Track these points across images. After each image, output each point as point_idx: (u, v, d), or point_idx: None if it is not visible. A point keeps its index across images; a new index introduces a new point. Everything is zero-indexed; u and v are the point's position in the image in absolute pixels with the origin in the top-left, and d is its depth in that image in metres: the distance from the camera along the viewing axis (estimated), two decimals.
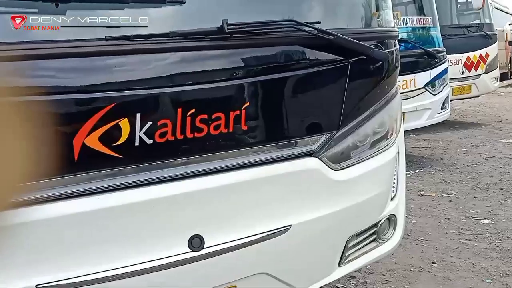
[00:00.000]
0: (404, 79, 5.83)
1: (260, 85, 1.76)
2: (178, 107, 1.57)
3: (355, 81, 1.97)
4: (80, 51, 1.42)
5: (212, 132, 1.64)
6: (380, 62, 2.05)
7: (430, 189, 5.18)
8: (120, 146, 1.48)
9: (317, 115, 1.93)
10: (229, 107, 1.67)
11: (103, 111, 1.44)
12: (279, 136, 1.84)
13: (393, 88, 2.26)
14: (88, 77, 1.44)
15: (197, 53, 1.63)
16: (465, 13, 9.82)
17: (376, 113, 2.12)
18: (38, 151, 1.29)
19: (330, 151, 1.95)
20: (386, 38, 2.14)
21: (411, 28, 6.24)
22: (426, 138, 7.77)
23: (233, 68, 1.70)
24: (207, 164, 1.67)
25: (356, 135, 2.04)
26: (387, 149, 2.21)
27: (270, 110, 1.80)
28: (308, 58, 1.85)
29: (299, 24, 1.75)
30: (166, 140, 1.56)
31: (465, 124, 9.07)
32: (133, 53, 1.50)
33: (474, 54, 8.39)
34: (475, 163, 6.18)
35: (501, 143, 7.27)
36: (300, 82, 1.85)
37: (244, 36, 1.67)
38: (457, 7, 9.80)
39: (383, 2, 2.22)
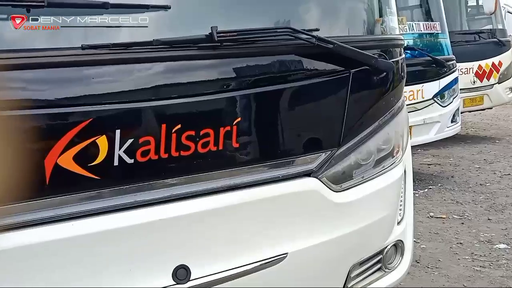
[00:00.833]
0: (411, 89, 5.86)
1: (253, 98, 1.75)
2: (162, 122, 1.55)
3: (357, 93, 1.97)
4: (53, 61, 1.40)
5: (200, 150, 1.62)
6: (385, 73, 2.05)
7: (440, 210, 5.17)
8: (97, 167, 1.46)
9: (316, 131, 1.93)
10: (219, 123, 1.66)
11: (78, 127, 1.42)
12: (274, 154, 1.83)
13: (399, 101, 2.26)
14: (61, 89, 1.42)
15: (184, 63, 1.62)
16: (476, 18, 9.91)
17: (380, 128, 2.11)
18: (3, 173, 1.27)
19: (330, 171, 1.94)
20: (391, 47, 2.15)
21: (417, 34, 6.28)
22: (435, 153, 7.78)
23: (223, 79, 1.69)
24: (194, 185, 1.66)
25: (359, 152, 2.03)
26: (392, 168, 2.20)
27: (264, 126, 1.79)
28: (306, 69, 1.85)
29: (296, 31, 1.75)
30: (149, 160, 1.54)
31: (478, 139, 9.11)
32: (112, 63, 1.49)
33: (486, 62, 8.44)
34: (489, 181, 6.18)
35: None
36: (297, 95, 1.84)
37: (236, 45, 1.67)
38: (467, 11, 9.90)
39: (387, 7, 2.23)
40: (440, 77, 6.21)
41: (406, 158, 2.37)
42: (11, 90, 1.36)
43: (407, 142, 2.40)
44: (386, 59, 2.04)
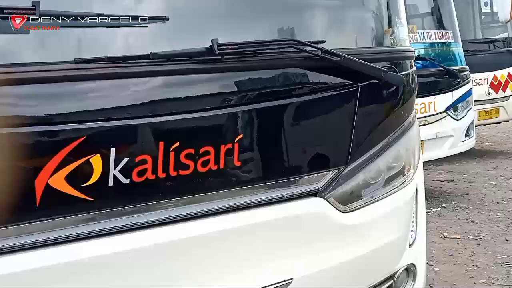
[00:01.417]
0: (422, 102, 5.87)
1: (256, 114, 1.75)
2: (160, 140, 1.56)
3: (365, 108, 1.98)
4: (44, 75, 1.40)
5: (200, 169, 1.62)
6: (394, 87, 2.06)
7: (454, 230, 5.16)
8: (91, 187, 1.46)
9: (322, 149, 1.93)
10: (219, 140, 1.66)
11: (71, 145, 1.42)
12: (278, 173, 1.83)
13: (409, 116, 2.26)
14: (53, 106, 1.42)
15: (183, 78, 1.63)
16: (490, 26, 9.95)
17: (390, 145, 2.12)
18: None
19: (338, 190, 1.94)
20: (401, 59, 2.16)
21: (429, 43, 6.30)
22: (449, 169, 7.78)
23: (224, 94, 1.70)
24: (193, 207, 1.65)
25: (368, 171, 2.03)
26: (404, 186, 2.19)
27: (267, 143, 1.79)
28: (311, 83, 1.85)
29: (300, 43, 1.76)
30: (145, 179, 1.54)
31: (493, 153, 9.10)
32: (107, 78, 1.50)
33: (502, 73, 8.45)
34: (506, 199, 6.17)
35: None
36: (302, 110, 1.85)
37: (237, 58, 1.68)
38: (481, 19, 9.94)
39: (396, 18, 2.24)
40: (453, 88, 6.21)
41: (418, 176, 2.36)
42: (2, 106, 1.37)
43: (419, 159, 2.40)
44: (396, 72, 2.05)
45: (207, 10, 1.77)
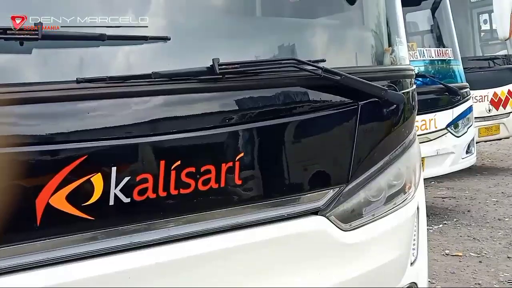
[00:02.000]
0: (423, 119, 5.87)
1: (257, 133, 1.75)
2: (161, 159, 1.56)
3: (366, 127, 1.98)
4: (48, 95, 1.41)
5: (201, 188, 1.62)
6: (395, 105, 2.06)
7: (456, 247, 5.13)
8: (92, 206, 1.46)
9: (323, 167, 1.93)
10: (220, 159, 1.66)
11: (72, 165, 1.43)
12: (279, 191, 1.82)
13: (410, 134, 2.26)
14: (55, 125, 1.43)
15: (184, 97, 1.63)
16: (489, 43, 9.99)
17: (391, 163, 2.11)
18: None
19: (339, 209, 1.93)
20: (401, 77, 2.16)
21: (428, 60, 6.32)
22: (450, 186, 7.76)
23: (225, 113, 1.70)
24: (194, 226, 1.65)
25: (369, 189, 2.03)
26: (405, 204, 2.19)
27: (268, 162, 1.79)
28: (312, 101, 1.86)
29: (301, 62, 1.76)
30: (146, 198, 1.54)
31: (494, 170, 9.08)
32: (108, 97, 1.50)
33: (502, 89, 8.46)
34: (508, 216, 6.14)
35: None
36: (302, 128, 1.85)
37: (238, 77, 1.68)
38: (481, 36, 9.98)
39: (396, 36, 2.25)
40: (454, 105, 6.21)
41: (419, 193, 2.36)
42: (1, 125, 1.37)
43: (420, 177, 2.39)
44: (396, 90, 2.05)
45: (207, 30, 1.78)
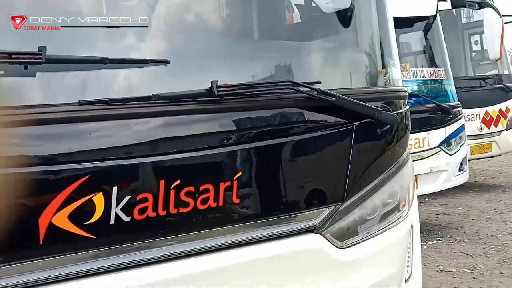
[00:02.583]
0: (416, 137, 5.88)
1: (254, 153, 1.77)
2: (161, 178, 1.57)
3: (361, 146, 1.99)
4: (51, 117, 1.42)
5: (199, 206, 1.63)
6: (389, 125, 2.07)
7: (450, 263, 5.11)
8: (93, 225, 1.46)
9: (319, 186, 1.93)
10: (219, 178, 1.67)
11: (75, 184, 1.44)
12: (276, 210, 1.83)
13: (404, 153, 2.28)
14: (58, 146, 1.44)
15: (183, 118, 1.65)
16: (481, 63, 10.05)
17: (385, 182, 2.12)
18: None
19: (335, 227, 1.94)
20: (395, 98, 2.18)
21: (421, 80, 6.36)
22: (443, 202, 7.75)
23: (223, 134, 1.71)
24: (193, 244, 1.65)
25: (364, 207, 2.03)
26: (399, 222, 2.19)
27: (265, 181, 1.81)
28: (308, 122, 1.87)
29: (296, 84, 1.78)
30: (146, 217, 1.54)
31: (487, 187, 9.09)
32: (110, 119, 1.52)
33: (493, 108, 8.50)
34: (500, 232, 6.14)
35: None
36: (299, 148, 1.87)
37: (236, 99, 1.70)
38: (472, 56, 10.05)
39: (389, 59, 2.27)
40: (446, 124, 6.24)
41: (412, 211, 2.37)
42: (6, 146, 1.38)
43: (414, 195, 2.40)
44: (390, 111, 2.07)
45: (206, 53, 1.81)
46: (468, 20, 9.80)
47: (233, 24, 2.17)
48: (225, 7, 2.20)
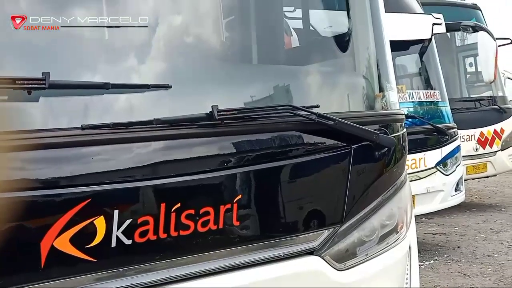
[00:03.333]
0: (413, 158, 5.87)
1: (254, 176, 1.76)
2: (162, 201, 1.56)
3: (359, 169, 1.99)
4: (54, 141, 1.42)
5: (200, 229, 1.62)
6: (386, 148, 2.07)
7: (447, 283, 5.08)
8: (94, 248, 1.45)
9: (318, 208, 1.92)
10: (219, 201, 1.67)
11: (77, 208, 1.43)
12: (276, 232, 1.82)
13: (401, 175, 2.27)
14: (60, 170, 1.44)
15: (184, 142, 1.65)
16: (475, 85, 10.09)
17: (383, 204, 2.12)
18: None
19: (334, 249, 1.93)
20: (392, 121, 2.18)
21: (417, 102, 6.37)
22: (440, 222, 7.72)
23: (224, 157, 1.71)
24: (193, 266, 1.64)
25: (362, 229, 2.02)
26: (397, 244, 2.18)
27: (265, 203, 1.80)
28: (306, 145, 1.87)
29: (295, 108, 1.78)
30: (147, 240, 1.53)
31: (483, 207, 9.06)
32: (112, 143, 1.51)
33: (488, 129, 8.52)
34: (497, 252, 6.10)
35: None
36: (298, 171, 1.86)
37: (236, 123, 1.70)
38: (467, 78, 10.09)
39: (386, 83, 2.28)
40: (442, 145, 6.23)
41: (410, 233, 2.35)
42: (9, 170, 1.37)
43: (411, 217, 2.39)
44: (387, 134, 2.07)
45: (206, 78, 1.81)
46: (463, 43, 9.87)
47: (233, 49, 2.18)
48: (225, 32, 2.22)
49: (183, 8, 1.93)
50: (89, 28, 1.65)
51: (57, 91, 1.46)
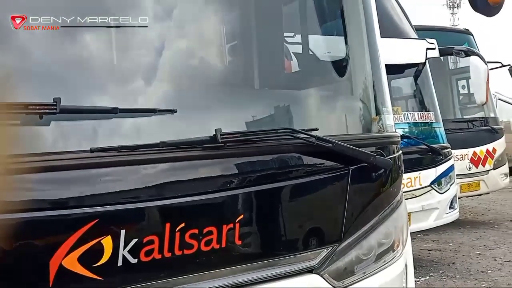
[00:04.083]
0: (409, 176, 5.87)
1: (256, 196, 1.76)
2: (167, 221, 1.56)
3: (356, 189, 1.99)
4: (64, 164, 1.43)
5: (203, 248, 1.61)
6: (383, 169, 2.07)
7: None
8: (101, 267, 1.45)
9: (318, 227, 1.92)
10: (222, 220, 1.66)
11: (85, 228, 1.42)
12: (277, 251, 1.81)
13: (397, 195, 2.27)
14: (70, 191, 1.44)
15: (188, 164, 1.65)
16: (468, 106, 10.12)
17: (381, 223, 2.11)
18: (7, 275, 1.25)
19: (332, 267, 1.92)
20: (388, 144, 2.19)
21: (412, 123, 6.39)
22: (435, 239, 7.68)
23: (227, 178, 1.71)
24: (197, 284, 1.63)
25: (360, 248, 2.01)
26: (394, 262, 2.17)
27: (266, 223, 1.79)
28: (306, 167, 1.87)
29: (295, 131, 1.79)
30: (152, 259, 1.53)
31: (476, 224, 9.02)
32: (119, 165, 1.52)
33: (481, 149, 8.53)
34: (490, 268, 6.06)
35: None
36: (298, 192, 1.86)
37: (238, 145, 1.71)
38: (459, 99, 10.12)
39: (383, 107, 2.29)
40: (437, 164, 6.24)
41: (406, 251, 2.34)
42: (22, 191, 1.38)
43: (407, 235, 2.38)
44: (384, 156, 2.07)
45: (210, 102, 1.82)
46: (455, 66, 9.92)
47: (235, 74, 2.20)
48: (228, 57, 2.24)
49: (188, 35, 1.95)
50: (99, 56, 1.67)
51: (67, 115, 1.47)
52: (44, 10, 1.53)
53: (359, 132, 2.22)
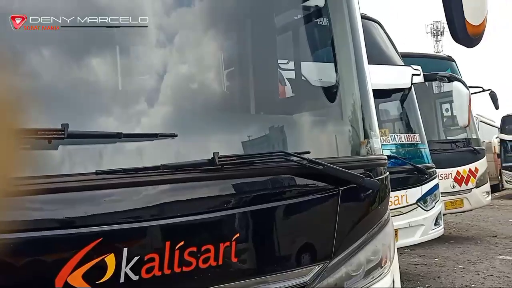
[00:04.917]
0: (396, 195, 5.88)
1: (251, 216, 1.76)
2: (167, 240, 1.56)
3: (346, 209, 1.99)
4: (70, 186, 1.43)
5: (201, 265, 1.61)
6: (371, 190, 2.08)
7: None
8: (104, 284, 1.44)
9: (309, 245, 1.92)
10: (219, 239, 1.66)
11: (89, 246, 1.42)
12: (271, 268, 1.81)
13: (385, 214, 2.28)
14: (75, 212, 1.44)
15: (188, 185, 1.65)
16: (451, 128, 10.19)
17: (369, 240, 2.11)
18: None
19: (323, 283, 1.91)
20: (376, 166, 2.20)
21: (399, 144, 6.42)
22: (421, 253, 7.67)
23: (224, 199, 1.71)
24: None
25: (350, 264, 2.01)
26: (382, 278, 2.16)
27: (261, 241, 1.79)
28: (298, 188, 1.88)
29: (288, 154, 1.80)
30: (153, 276, 1.52)
31: (460, 239, 9.02)
32: (123, 187, 1.52)
33: (464, 168, 8.58)
34: (474, 282, 6.05)
35: (498, 260, 7.18)
36: (291, 211, 1.86)
37: (235, 167, 1.71)
38: (443, 122, 10.20)
39: (371, 131, 2.31)
40: (422, 183, 6.26)
41: (393, 267, 2.34)
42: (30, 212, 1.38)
43: (394, 252, 2.38)
44: (371, 177, 2.08)
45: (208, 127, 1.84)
46: (439, 90, 10.01)
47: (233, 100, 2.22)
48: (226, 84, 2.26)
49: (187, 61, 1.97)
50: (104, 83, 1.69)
51: (74, 140, 1.48)
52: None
53: (348, 154, 2.24)
